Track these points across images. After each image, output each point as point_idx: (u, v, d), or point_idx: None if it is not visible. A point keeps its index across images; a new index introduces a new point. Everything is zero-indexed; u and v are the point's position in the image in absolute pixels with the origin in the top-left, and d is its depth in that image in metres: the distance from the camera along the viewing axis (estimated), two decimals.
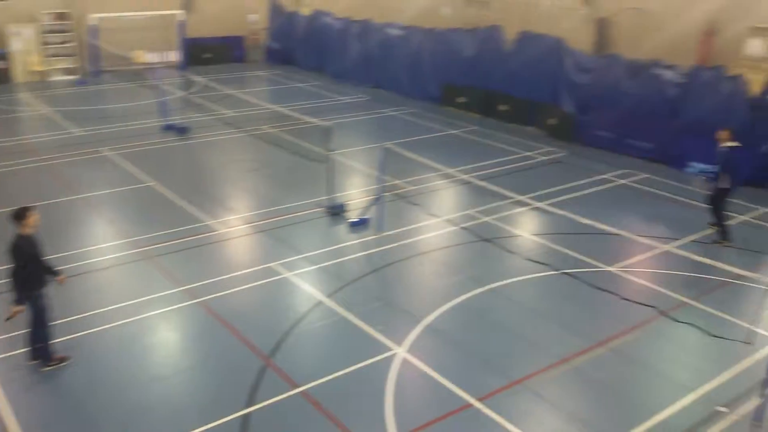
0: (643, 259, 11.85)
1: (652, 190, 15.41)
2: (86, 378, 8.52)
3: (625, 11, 28.93)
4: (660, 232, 13.01)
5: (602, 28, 29.56)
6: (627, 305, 9.84)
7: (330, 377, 8.53)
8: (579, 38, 28.09)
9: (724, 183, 12.49)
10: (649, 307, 9.60)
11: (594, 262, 11.61)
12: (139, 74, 27.52)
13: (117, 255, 11.72)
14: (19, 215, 8.22)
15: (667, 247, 10.28)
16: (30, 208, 8.34)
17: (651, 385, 8.54)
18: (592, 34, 29.79)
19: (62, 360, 8.73)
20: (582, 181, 15.81)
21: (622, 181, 15.86)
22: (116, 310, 10.00)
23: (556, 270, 10.80)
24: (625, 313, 9.98)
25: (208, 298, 10.35)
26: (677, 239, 12.56)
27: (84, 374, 8.58)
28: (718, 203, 12.65)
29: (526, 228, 13.31)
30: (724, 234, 12.58)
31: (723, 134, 12.72)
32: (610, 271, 11.38)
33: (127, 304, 10.16)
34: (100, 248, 12.05)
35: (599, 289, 10.15)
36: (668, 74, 17.76)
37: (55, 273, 8.61)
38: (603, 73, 19.10)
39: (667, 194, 15.13)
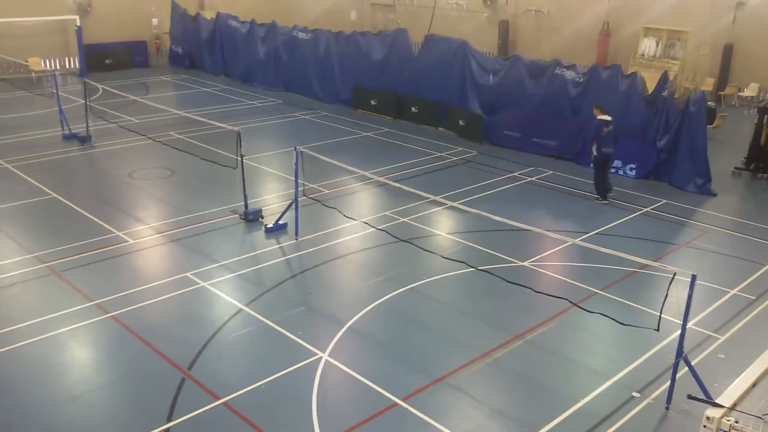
0: (553, 253, 12.30)
1: (558, 186, 16.02)
2: None
3: (525, 14, 30.01)
4: (567, 227, 13.55)
5: (504, 30, 30.52)
6: (541, 298, 10.18)
7: (253, 386, 8.40)
8: (483, 40, 28.92)
9: (597, 151, 14.81)
10: (562, 299, 9.96)
11: (508, 258, 11.96)
12: (36, 82, 26.20)
13: (21, 271, 11.10)
14: None
15: (574, 241, 10.69)
16: None
17: (569, 375, 8.88)
18: (495, 36, 30.71)
19: None
20: (492, 180, 16.25)
21: (530, 179, 16.41)
22: (22, 329, 9.47)
23: (473, 267, 11.04)
24: (540, 305, 10.33)
25: (121, 312, 9.96)
26: (584, 233, 13.11)
27: None
28: (598, 173, 14.99)
29: (442, 227, 13.55)
30: (605, 191, 14.97)
31: (595, 110, 15.02)
32: (523, 265, 11.75)
33: (34, 322, 9.64)
34: (2, 265, 11.36)
35: (514, 283, 10.45)
36: (569, 74, 18.50)
37: None
38: (507, 74, 19.68)
39: (573, 189, 15.77)
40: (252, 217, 13.33)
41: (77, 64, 28.21)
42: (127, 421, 7.81)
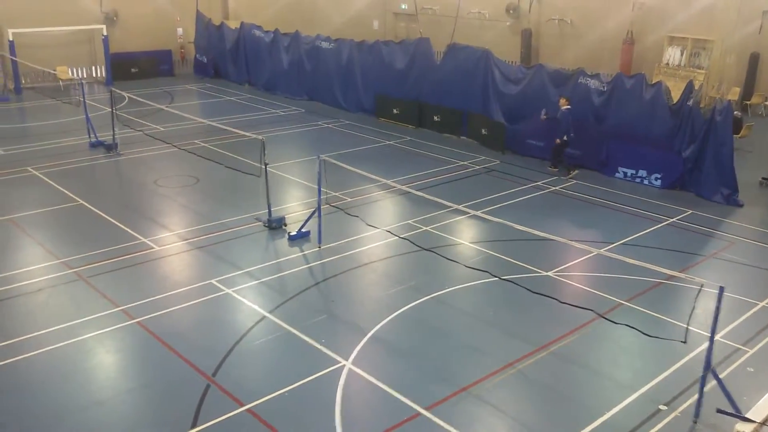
0: (577, 263, 12.21)
1: (582, 195, 15.91)
2: (21, 406, 8.12)
3: (548, 22, 29.92)
4: (592, 237, 13.45)
5: (527, 39, 30.45)
6: (566, 309, 10.11)
7: (277, 393, 8.42)
8: (506, 49, 28.87)
9: (565, 137, 17.14)
10: (587, 310, 9.89)
11: (532, 268, 11.89)
12: (64, 90, 26.62)
13: (48, 277, 11.26)
14: None
15: (600, 251, 10.60)
16: None
17: (594, 387, 8.79)
18: (518, 44, 30.65)
19: None
20: (515, 189, 16.19)
21: (554, 188, 16.32)
22: (49, 334, 9.60)
23: (496, 276, 11.00)
24: (565, 316, 10.25)
25: (147, 318, 10.06)
26: (609, 243, 12.99)
27: (18, 402, 8.19)
28: (559, 153, 17.48)
29: (465, 236, 13.51)
30: (567, 170, 17.33)
31: (562, 100, 17.32)
32: (547, 275, 11.68)
33: (61, 326, 9.76)
34: (30, 270, 11.54)
35: (538, 293, 10.39)
36: (592, 82, 18.40)
37: None
38: (530, 82, 19.62)
39: (597, 199, 15.65)
40: (275, 225, 13.40)
41: (104, 72, 28.61)
42: (152, 427, 7.87)
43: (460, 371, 8.98)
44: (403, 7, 35.13)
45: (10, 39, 25.38)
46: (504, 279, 10.92)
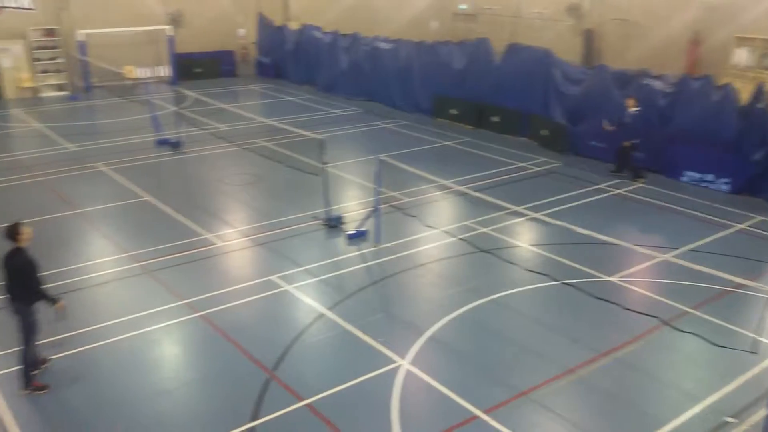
0: (642, 269, 11.92)
1: (646, 199, 15.53)
2: (88, 394, 8.42)
3: (610, 22, 29.29)
4: (657, 242, 13.10)
5: (588, 39, 29.89)
6: (629, 315, 9.88)
7: (335, 390, 8.49)
8: (566, 49, 28.41)
9: (633, 139, 16.57)
10: (652, 317, 9.65)
11: (594, 272, 11.66)
12: (130, 89, 27.47)
13: (116, 270, 11.63)
14: (12, 231, 8.10)
15: (665, 257, 10.34)
16: (22, 224, 8.20)
17: (657, 396, 8.57)
18: (579, 45, 30.13)
19: (41, 388, 8.44)
20: (577, 191, 15.90)
21: (617, 191, 15.97)
22: (117, 324, 9.92)
23: (557, 280, 10.83)
24: (628, 323, 10.02)
25: (210, 312, 10.29)
26: (675, 248, 12.64)
27: (86, 390, 8.49)
28: (626, 157, 16.79)
29: (525, 238, 13.36)
30: (635, 175, 16.74)
31: (630, 101, 16.78)
32: (610, 280, 11.43)
33: (128, 318, 10.08)
34: (98, 263, 11.95)
35: (601, 299, 10.19)
36: (657, 84, 17.94)
37: (53, 299, 8.33)
38: (592, 83, 19.27)
39: (662, 203, 15.24)
40: (333, 224, 13.52)
41: (169, 72, 29.39)
42: (213, 418, 8.04)
43: (519, 375, 8.88)
44: (463, 7, 34.97)
45: (81, 39, 26.31)
46: (565, 283, 10.75)
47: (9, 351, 9.07)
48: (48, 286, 8.48)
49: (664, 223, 14.21)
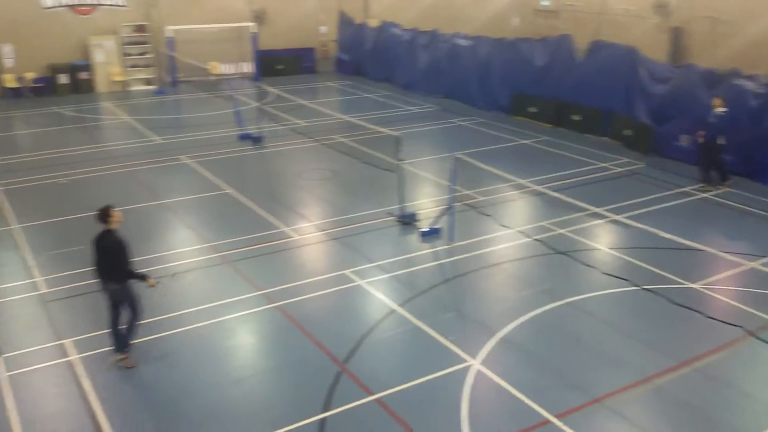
0: (727, 277, 11.41)
1: (734, 204, 14.85)
2: (168, 378, 8.76)
3: (700, 19, 28.14)
4: (745, 248, 12.51)
5: (676, 36, 28.81)
6: (712, 324, 9.50)
7: (404, 386, 8.52)
8: (652, 47, 27.48)
9: (722, 140, 15.45)
10: (736, 327, 9.24)
11: (676, 278, 11.26)
12: (215, 84, 28.34)
13: (197, 259, 12.04)
14: (104, 214, 8.60)
15: (752, 264, 9.87)
16: (112, 207, 8.70)
17: (739, 408, 8.20)
18: (665, 42, 29.08)
19: (129, 365, 8.91)
20: (661, 194, 15.37)
21: (703, 195, 15.35)
22: (196, 312, 10.28)
23: (636, 285, 10.52)
24: (710, 332, 9.62)
25: (285, 303, 10.52)
26: (764, 256, 12.05)
27: (165, 374, 8.84)
28: (716, 157, 15.68)
29: (604, 241, 13.02)
30: (724, 176, 15.83)
31: (716, 101, 15.75)
32: (693, 287, 11.01)
33: (207, 306, 10.42)
34: (181, 252, 12.41)
35: (682, 306, 9.83)
36: (748, 84, 17.12)
37: (143, 277, 8.83)
38: (679, 82, 18.57)
39: (751, 209, 14.54)
40: (407, 221, 13.55)
41: (252, 68, 30.15)
42: (286, 407, 8.22)
43: (594, 381, 8.67)
44: (545, 4, 34.34)
45: (169, 36, 27.32)
46: (645, 288, 10.42)
47: (94, 333, 9.56)
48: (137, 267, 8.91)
49: (753, 229, 13.55)
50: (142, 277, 8.78)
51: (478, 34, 25.64)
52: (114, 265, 8.60)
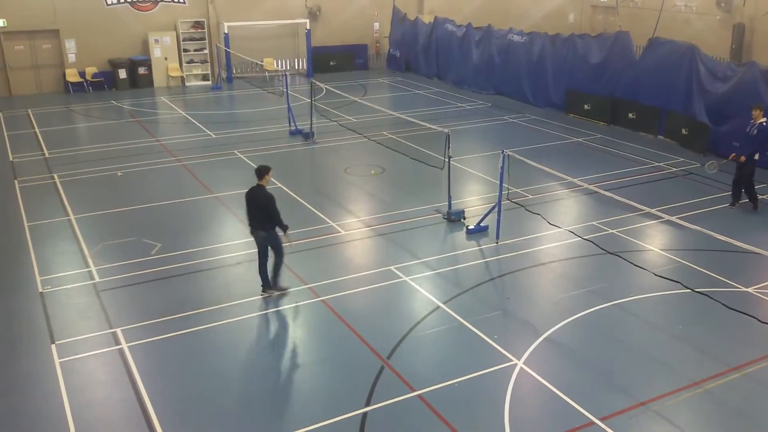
0: None
1: None
2: (214, 368, 8.96)
3: (765, 16, 27.12)
4: None
5: (739, 34, 27.86)
6: (765, 329, 9.19)
7: (447, 383, 8.52)
8: (713, 44, 26.64)
9: (758, 156, 13.95)
10: None
11: (730, 282, 10.93)
12: (269, 81, 28.72)
13: (246, 252, 12.23)
14: (262, 171, 10.42)
15: None
16: (269, 168, 10.52)
17: None
18: (727, 40, 28.15)
19: (284, 289, 10.69)
20: (717, 195, 14.93)
21: (762, 196, 14.82)
22: (244, 304, 10.47)
23: (688, 288, 10.24)
24: (763, 337, 9.32)
25: (330, 297, 10.63)
26: None
27: (212, 363, 9.04)
28: (747, 174, 13.99)
29: (656, 242, 12.72)
30: (754, 203, 14.12)
31: (757, 111, 14.10)
32: (747, 291, 10.67)
33: (255, 299, 10.61)
34: (231, 245, 12.65)
35: (735, 310, 9.54)
36: None
37: (285, 227, 10.40)
38: (740, 81, 17.96)
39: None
40: (454, 218, 13.51)
41: (305, 65, 30.46)
42: (329, 400, 8.32)
43: (640, 384, 8.50)
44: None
45: (226, 32, 27.82)
46: (697, 291, 10.15)
47: (144, 323, 9.85)
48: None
49: None
50: (285, 228, 10.38)
51: (532, 30, 25.31)
52: (263, 216, 10.26)
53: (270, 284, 10.65)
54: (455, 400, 8.22)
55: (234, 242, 12.75)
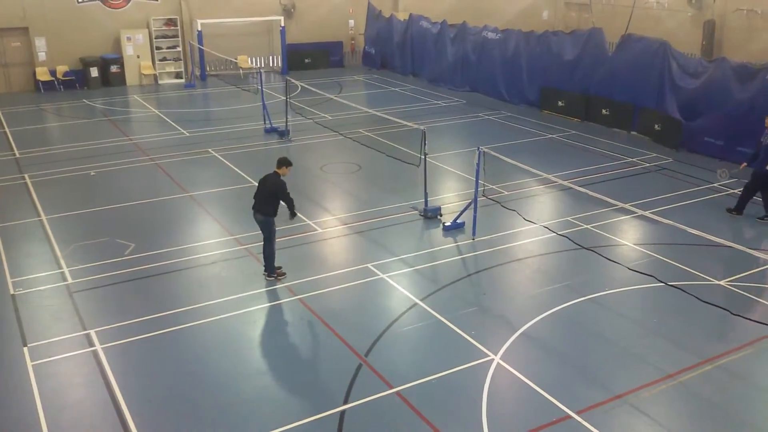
0: (755, 274, 11.21)
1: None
2: (190, 368, 8.88)
3: (735, 13, 27.55)
4: None
5: (710, 30, 28.26)
6: (737, 321, 9.34)
7: (425, 380, 8.53)
8: (685, 41, 27.00)
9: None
10: (763, 325, 9.08)
11: (702, 275, 11.09)
12: (243, 78, 28.52)
13: (222, 251, 12.16)
14: (283, 162, 10.92)
15: None
16: (289, 162, 11.00)
17: (763, 407, 8.08)
18: (699, 36, 28.55)
19: (281, 275, 11.06)
20: (689, 190, 15.14)
21: (733, 191, 15.06)
22: (220, 303, 10.39)
23: (661, 282, 10.38)
24: (736, 329, 9.48)
25: (307, 296, 10.58)
26: None
27: (187, 365, 8.95)
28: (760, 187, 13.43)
29: (629, 237, 12.87)
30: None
31: None
32: (719, 284, 10.84)
33: (231, 298, 10.53)
34: (206, 244, 12.55)
35: (708, 303, 9.68)
36: None
37: (294, 214, 10.99)
38: (711, 77, 18.23)
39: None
40: (431, 215, 13.53)
41: (280, 62, 30.29)
42: (308, 398, 8.29)
43: (615, 377, 8.60)
44: None
45: (199, 29, 27.56)
46: (670, 285, 10.28)
47: (118, 324, 9.72)
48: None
49: None
50: (293, 214, 11.00)
51: (506, 27, 25.43)
52: (266, 200, 10.69)
53: (268, 270, 11.07)
54: (433, 397, 8.24)
55: (209, 241, 12.65)
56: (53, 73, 26.18)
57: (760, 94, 16.82)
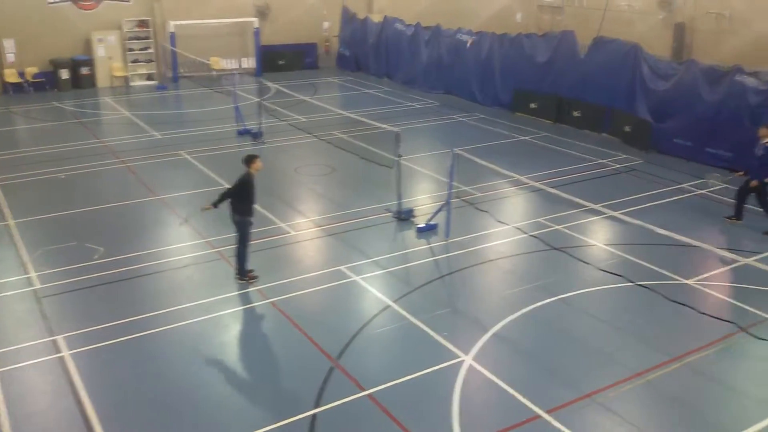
0: (721, 273, 11.41)
1: (732, 201, 14.76)
2: (159, 373, 8.80)
3: (704, 16, 27.99)
4: (740, 245, 12.50)
5: (680, 33, 28.68)
6: (705, 320, 9.50)
7: (397, 382, 8.54)
8: (655, 44, 27.37)
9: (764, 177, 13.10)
10: (729, 323, 9.23)
11: (670, 275, 11.25)
12: (216, 80, 28.34)
13: (194, 254, 12.07)
14: (249, 159, 10.89)
15: (747, 261, 9.84)
16: (257, 156, 10.97)
17: (729, 404, 8.22)
18: (669, 39, 28.96)
19: (252, 278, 10.99)
20: (658, 191, 15.35)
21: (701, 191, 15.31)
22: (191, 308, 10.30)
23: (631, 281, 10.51)
24: (703, 328, 9.63)
25: (279, 299, 10.54)
26: (759, 253, 12.01)
27: (158, 369, 8.87)
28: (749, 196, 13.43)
29: (600, 237, 13.01)
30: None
31: (764, 131, 13.18)
32: (687, 284, 11.00)
33: (202, 302, 10.45)
34: (177, 248, 12.44)
35: (676, 302, 9.83)
36: (750, 80, 17.02)
37: (214, 202, 10.85)
38: (680, 79, 18.51)
39: (749, 206, 14.46)
40: (404, 217, 13.56)
41: (253, 64, 30.14)
42: (279, 402, 8.27)
43: (585, 376, 8.68)
44: None
45: (171, 30, 27.33)
46: (639, 285, 10.41)
47: (86, 330, 9.60)
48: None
49: (749, 225, 13.49)
50: (213, 204, 10.89)
51: (480, 29, 25.57)
52: (244, 201, 10.70)
53: (240, 273, 11.02)
54: (405, 399, 8.25)
55: (179, 245, 12.54)
56: (22, 74, 25.77)
57: (728, 97, 17.12)
